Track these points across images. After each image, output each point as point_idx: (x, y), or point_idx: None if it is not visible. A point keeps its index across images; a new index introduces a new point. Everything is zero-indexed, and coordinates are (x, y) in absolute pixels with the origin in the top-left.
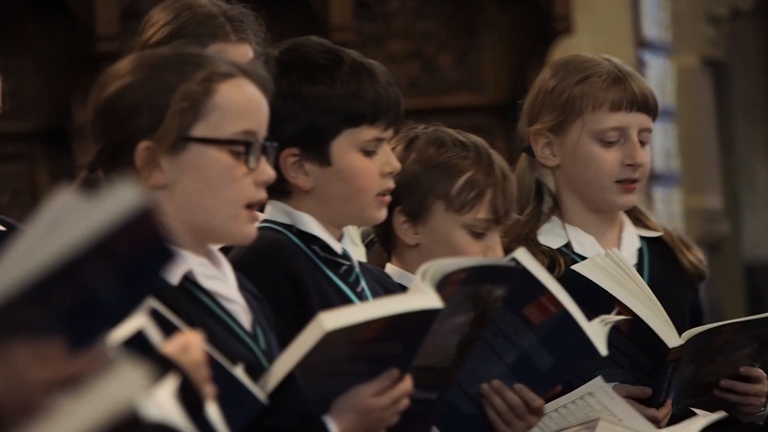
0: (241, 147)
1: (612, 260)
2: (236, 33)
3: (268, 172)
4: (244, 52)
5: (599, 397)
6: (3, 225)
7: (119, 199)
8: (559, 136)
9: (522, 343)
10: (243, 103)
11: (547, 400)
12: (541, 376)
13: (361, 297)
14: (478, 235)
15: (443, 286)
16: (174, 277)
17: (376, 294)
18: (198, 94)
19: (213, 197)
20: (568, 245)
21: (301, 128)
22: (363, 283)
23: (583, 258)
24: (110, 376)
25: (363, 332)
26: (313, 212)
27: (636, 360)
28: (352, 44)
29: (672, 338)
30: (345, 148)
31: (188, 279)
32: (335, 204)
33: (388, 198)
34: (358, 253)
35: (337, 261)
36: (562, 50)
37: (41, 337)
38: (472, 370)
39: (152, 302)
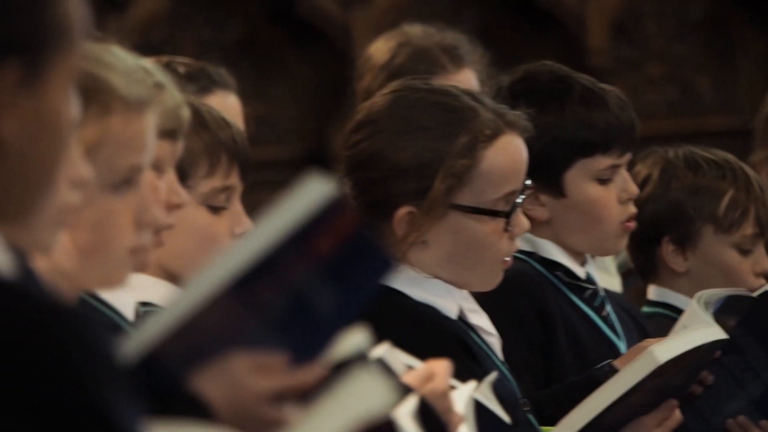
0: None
1: None
2: (453, 62)
3: (523, 225)
4: (464, 79)
5: None
6: None
7: (309, 192)
8: None
9: None
10: (507, 167)
11: None
12: None
13: (607, 321)
14: (745, 252)
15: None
16: (452, 312)
17: (621, 319)
18: (464, 166)
19: (471, 257)
20: None
21: (534, 160)
22: (608, 307)
23: None
24: (354, 388)
25: (669, 365)
26: (553, 241)
27: None
28: (608, 68)
29: None
30: (579, 178)
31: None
32: (573, 234)
33: (632, 224)
34: (613, 284)
35: (581, 285)
36: None
37: (263, 349)
38: (716, 403)
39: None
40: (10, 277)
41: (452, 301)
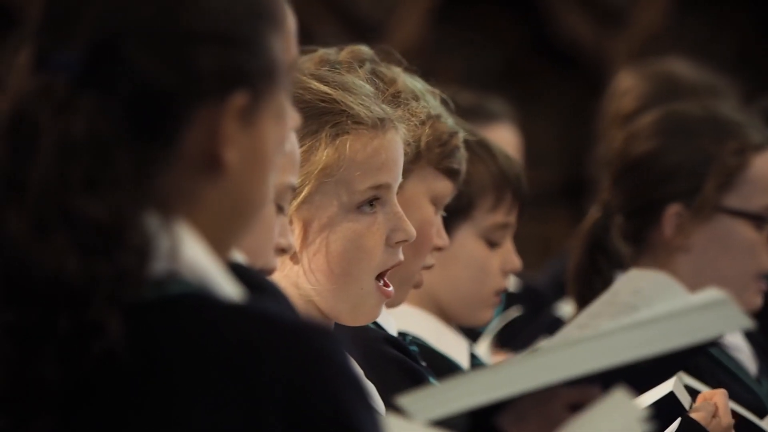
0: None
1: None
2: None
3: None
4: None
5: None
6: (528, 289)
7: (723, 318)
8: None
9: None
10: None
11: None
12: None
13: None
14: None
15: None
16: None
17: None
18: (734, 168)
19: (731, 267)
20: None
21: None
22: None
23: None
24: (607, 411)
25: None
26: None
27: None
28: None
29: None
30: None
31: None
32: None
33: None
34: None
35: None
36: None
37: (580, 386)
38: None
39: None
40: (242, 300)
41: None
